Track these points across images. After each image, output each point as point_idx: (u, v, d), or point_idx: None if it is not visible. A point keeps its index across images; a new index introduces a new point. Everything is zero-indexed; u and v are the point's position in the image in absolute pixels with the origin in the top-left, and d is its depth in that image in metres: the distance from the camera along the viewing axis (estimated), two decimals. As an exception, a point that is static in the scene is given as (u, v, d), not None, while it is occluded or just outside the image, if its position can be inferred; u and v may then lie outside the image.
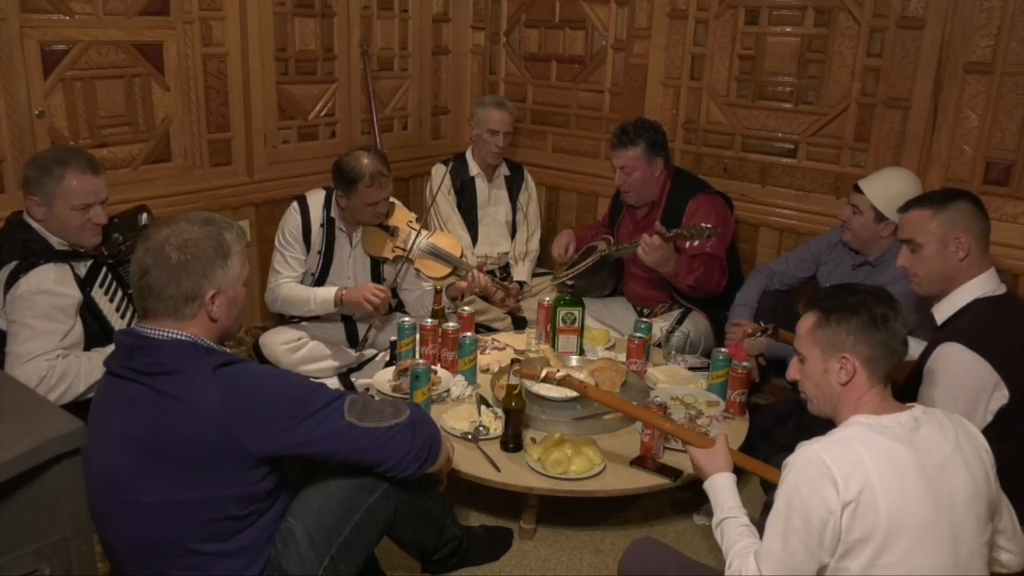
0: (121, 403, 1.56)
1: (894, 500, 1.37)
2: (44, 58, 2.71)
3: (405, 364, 2.55)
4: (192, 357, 1.55)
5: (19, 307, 2.13)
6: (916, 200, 2.11)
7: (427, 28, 3.94)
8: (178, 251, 1.55)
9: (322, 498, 1.70)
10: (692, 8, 3.37)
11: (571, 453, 2.17)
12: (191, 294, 1.56)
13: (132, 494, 1.54)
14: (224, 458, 1.52)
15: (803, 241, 3.20)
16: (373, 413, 1.66)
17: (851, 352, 1.52)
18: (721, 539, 1.63)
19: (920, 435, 1.46)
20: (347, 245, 3.03)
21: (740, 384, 2.45)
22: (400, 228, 3.05)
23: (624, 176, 3.09)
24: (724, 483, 1.75)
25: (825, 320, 1.55)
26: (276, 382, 1.61)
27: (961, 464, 1.45)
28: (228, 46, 3.20)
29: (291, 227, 2.97)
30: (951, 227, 1.98)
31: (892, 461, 1.40)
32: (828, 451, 1.42)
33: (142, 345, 1.56)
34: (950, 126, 2.88)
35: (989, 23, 2.74)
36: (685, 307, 3.13)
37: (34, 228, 2.25)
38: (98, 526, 1.61)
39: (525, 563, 2.22)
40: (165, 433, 1.51)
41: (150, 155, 3.07)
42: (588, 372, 2.59)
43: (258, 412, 1.54)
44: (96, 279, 2.34)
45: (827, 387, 1.56)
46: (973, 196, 2.09)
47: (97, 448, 1.53)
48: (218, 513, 1.56)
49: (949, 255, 1.98)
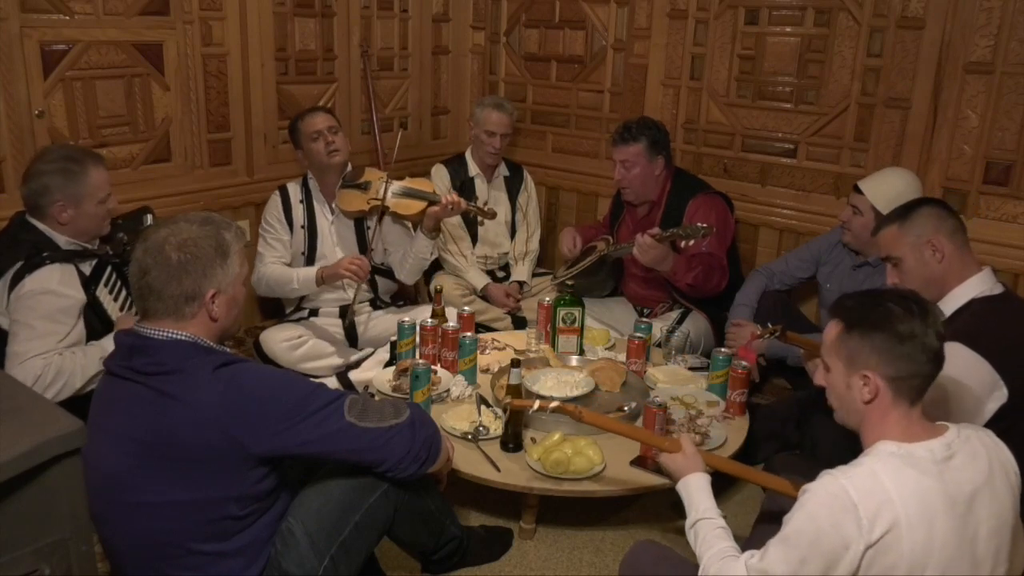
0: (121, 403, 1.56)
1: (920, 543, 1.32)
2: (44, 58, 2.71)
3: (405, 364, 2.55)
4: (192, 357, 1.55)
5: (22, 307, 2.14)
6: (883, 219, 2.15)
7: (427, 28, 3.94)
8: (178, 251, 1.55)
9: (322, 498, 1.70)
10: (692, 8, 3.37)
11: (571, 453, 2.17)
12: (191, 294, 1.56)
13: (133, 494, 1.54)
14: (224, 458, 1.52)
15: (803, 241, 3.20)
16: (373, 413, 1.65)
17: (874, 371, 1.43)
18: (695, 541, 1.58)
19: (952, 466, 1.39)
20: (327, 215, 3.10)
21: (740, 384, 2.45)
22: (372, 182, 3.10)
23: (624, 172, 3.09)
24: (698, 484, 1.69)
25: (848, 333, 1.47)
26: (276, 382, 1.61)
27: (990, 497, 1.40)
28: (228, 46, 3.20)
29: (273, 210, 3.08)
30: (919, 234, 2.00)
31: (922, 502, 1.33)
32: (855, 486, 1.34)
33: (141, 345, 1.56)
34: (950, 126, 2.88)
35: (989, 23, 2.74)
36: (685, 307, 3.13)
37: (39, 228, 2.25)
38: (98, 526, 1.61)
39: (525, 563, 2.22)
40: (166, 433, 1.51)
41: (150, 155, 3.07)
42: (588, 372, 2.59)
43: (258, 412, 1.53)
44: (101, 278, 2.34)
45: (850, 403, 1.49)
46: (935, 200, 2.13)
47: (98, 448, 1.53)
48: (218, 513, 1.56)
49: (928, 261, 2.00)
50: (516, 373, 2.24)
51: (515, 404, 2.14)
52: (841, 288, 2.77)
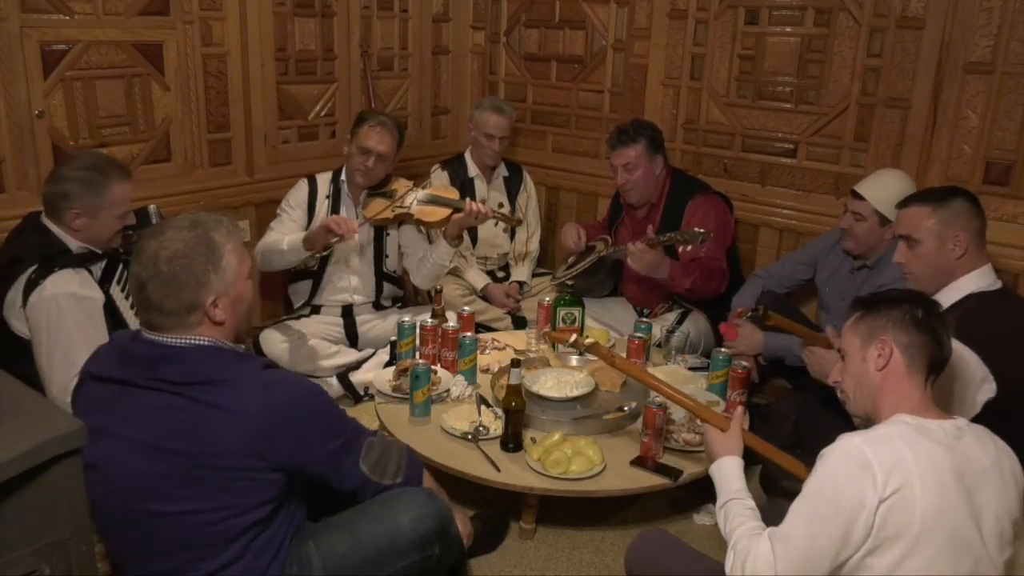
0: (147, 413, 1.53)
1: (932, 502, 1.36)
2: (44, 58, 2.71)
3: (405, 364, 2.55)
4: (230, 364, 1.54)
5: (48, 311, 2.11)
6: (915, 196, 2.12)
7: (427, 28, 3.94)
8: (168, 264, 1.52)
9: (351, 545, 1.69)
10: (692, 8, 3.37)
11: (571, 453, 2.17)
12: (190, 305, 1.54)
13: (157, 503, 1.52)
14: (250, 468, 1.52)
15: (803, 241, 3.21)
16: (382, 466, 1.72)
17: (890, 336, 1.52)
18: (724, 521, 1.61)
19: (963, 443, 1.45)
20: (353, 215, 3.05)
21: (740, 384, 2.45)
22: (398, 190, 3.09)
23: (627, 175, 3.07)
24: (732, 466, 1.73)
25: (867, 312, 1.58)
26: (312, 400, 1.61)
27: (997, 480, 1.45)
28: (228, 46, 3.20)
29: (298, 195, 3.07)
30: (949, 224, 1.99)
31: (934, 463, 1.39)
32: (871, 444, 1.40)
33: (165, 355, 1.53)
34: (950, 126, 2.88)
35: (989, 23, 2.74)
36: (685, 307, 3.13)
37: (52, 231, 2.23)
38: (106, 530, 1.61)
39: (525, 563, 2.22)
40: (208, 443, 1.49)
41: (150, 155, 3.07)
42: (588, 372, 2.59)
43: (291, 427, 1.53)
44: (113, 276, 2.33)
45: (865, 377, 1.55)
46: (970, 194, 2.10)
47: (116, 457, 1.52)
48: (233, 520, 1.55)
49: (947, 252, 1.99)
50: (516, 373, 2.24)
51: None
52: (840, 290, 2.77)
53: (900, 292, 1.62)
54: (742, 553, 1.46)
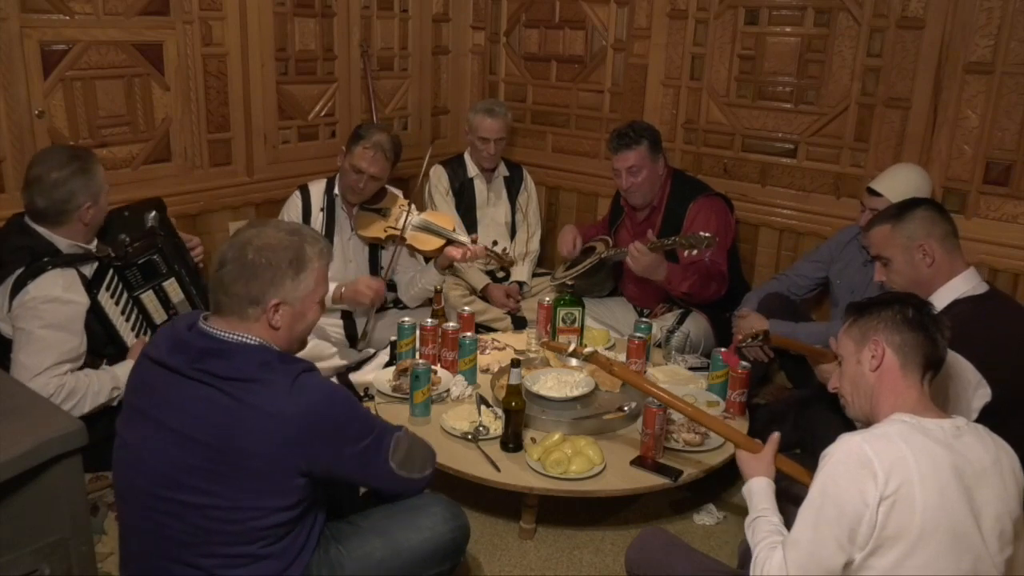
0: (189, 402, 1.54)
1: (932, 500, 1.37)
2: (44, 58, 2.71)
3: (405, 364, 2.55)
4: (269, 366, 1.54)
5: (27, 314, 2.12)
6: (877, 217, 2.16)
7: (427, 28, 3.94)
8: (255, 253, 1.56)
9: (389, 551, 1.70)
10: (692, 8, 3.37)
11: (571, 453, 2.17)
12: (255, 298, 1.56)
13: (181, 492, 1.53)
14: (276, 470, 1.52)
15: (803, 241, 3.22)
16: (410, 461, 1.73)
17: (881, 336, 1.55)
18: (751, 535, 1.66)
19: (962, 442, 1.46)
20: (347, 228, 3.06)
21: (740, 384, 2.45)
22: (391, 209, 3.08)
23: (632, 178, 3.05)
24: (762, 487, 1.77)
25: (860, 316, 1.61)
26: (343, 405, 1.61)
27: (998, 479, 1.46)
28: (228, 46, 3.20)
29: (291, 211, 3.06)
30: (911, 237, 2.02)
31: (934, 462, 1.40)
32: (871, 443, 1.42)
33: (217, 348, 1.55)
34: (950, 126, 2.88)
35: (989, 23, 2.74)
36: (685, 307, 3.13)
37: (38, 232, 2.24)
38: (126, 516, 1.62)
39: (525, 563, 2.22)
40: (237, 439, 1.50)
41: (150, 155, 3.07)
42: (588, 372, 2.59)
43: (321, 431, 1.54)
44: (103, 282, 2.33)
45: (861, 379, 1.58)
46: (931, 202, 2.14)
47: (150, 442, 1.54)
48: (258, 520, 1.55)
49: (917, 264, 2.02)
50: (516, 373, 2.24)
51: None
52: (852, 283, 2.78)
53: (891, 295, 1.65)
54: (760, 563, 1.53)
